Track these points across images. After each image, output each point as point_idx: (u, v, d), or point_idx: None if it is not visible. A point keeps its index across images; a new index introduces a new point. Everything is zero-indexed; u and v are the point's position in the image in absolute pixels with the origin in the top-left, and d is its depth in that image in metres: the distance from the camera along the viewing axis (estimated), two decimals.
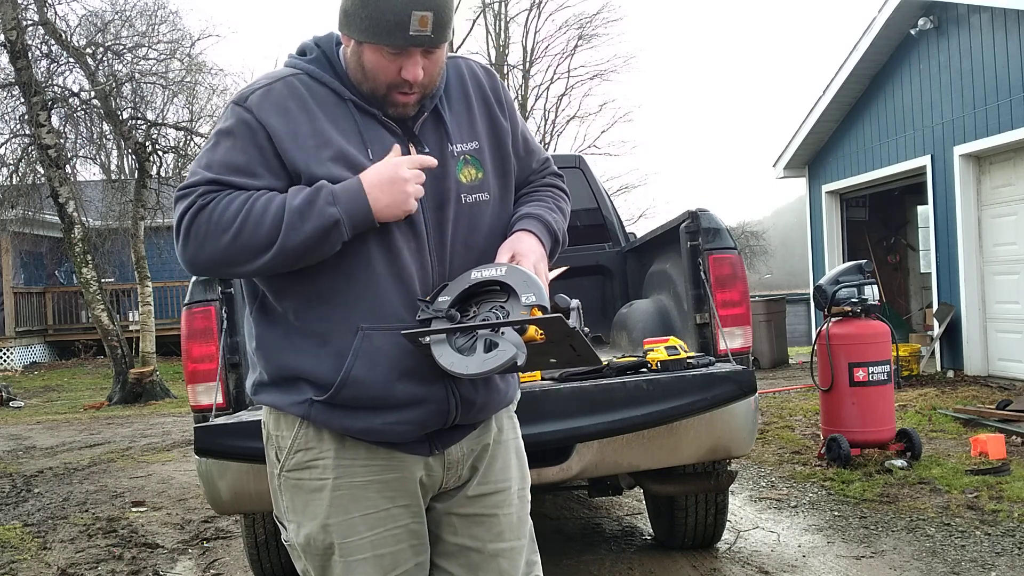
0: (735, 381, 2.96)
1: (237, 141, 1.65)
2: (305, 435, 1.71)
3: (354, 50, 1.68)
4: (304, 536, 1.73)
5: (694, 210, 3.46)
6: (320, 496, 1.71)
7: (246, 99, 1.67)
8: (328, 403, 1.66)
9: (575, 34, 28.78)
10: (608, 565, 3.91)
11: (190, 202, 1.60)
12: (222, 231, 1.57)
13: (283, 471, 1.75)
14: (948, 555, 3.82)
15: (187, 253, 1.61)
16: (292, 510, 1.76)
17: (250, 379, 1.80)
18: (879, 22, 10.44)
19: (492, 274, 1.64)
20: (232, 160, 1.63)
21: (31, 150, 13.51)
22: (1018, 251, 8.82)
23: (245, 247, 1.58)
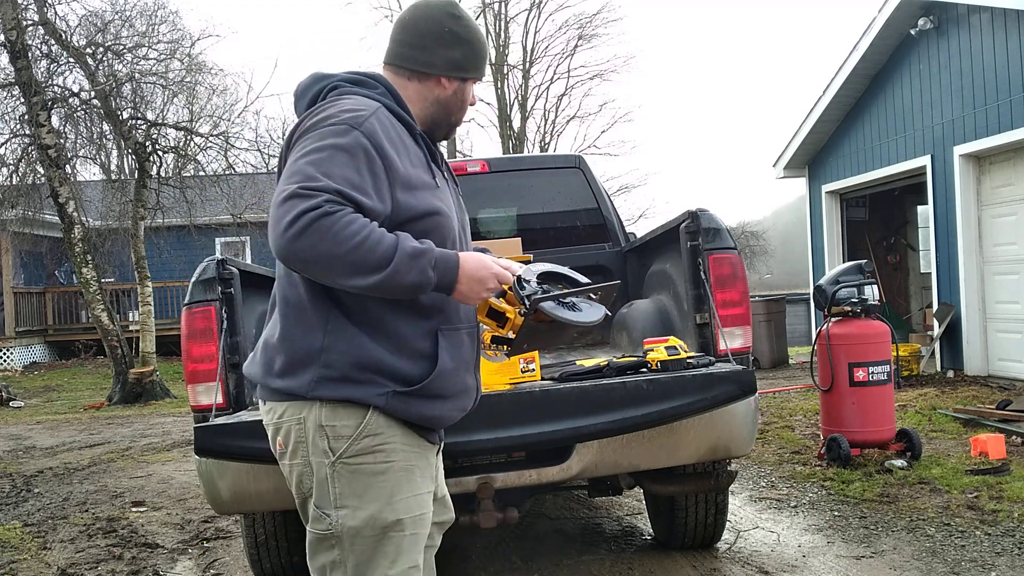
0: (735, 381, 2.96)
1: (354, 161, 1.78)
2: (375, 423, 1.87)
3: (459, 89, 2.06)
4: (363, 518, 1.86)
5: (694, 210, 3.45)
6: (384, 478, 1.87)
7: (362, 124, 1.83)
8: (412, 394, 1.87)
9: (575, 34, 28.77)
10: (608, 565, 3.91)
11: (316, 203, 1.69)
12: (339, 243, 1.69)
13: (341, 458, 1.86)
14: (948, 555, 3.82)
15: (294, 244, 1.70)
16: (350, 495, 1.86)
17: (299, 377, 1.87)
18: (879, 22, 10.44)
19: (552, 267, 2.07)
20: (350, 177, 1.76)
21: (31, 150, 13.50)
22: (1018, 251, 8.82)
23: (351, 265, 1.72)
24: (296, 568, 3.69)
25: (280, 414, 1.92)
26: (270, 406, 1.96)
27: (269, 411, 1.97)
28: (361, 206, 1.75)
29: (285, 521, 3.58)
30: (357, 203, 1.74)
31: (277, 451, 1.97)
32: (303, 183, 1.72)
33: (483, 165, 5.35)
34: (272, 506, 3.08)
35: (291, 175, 1.76)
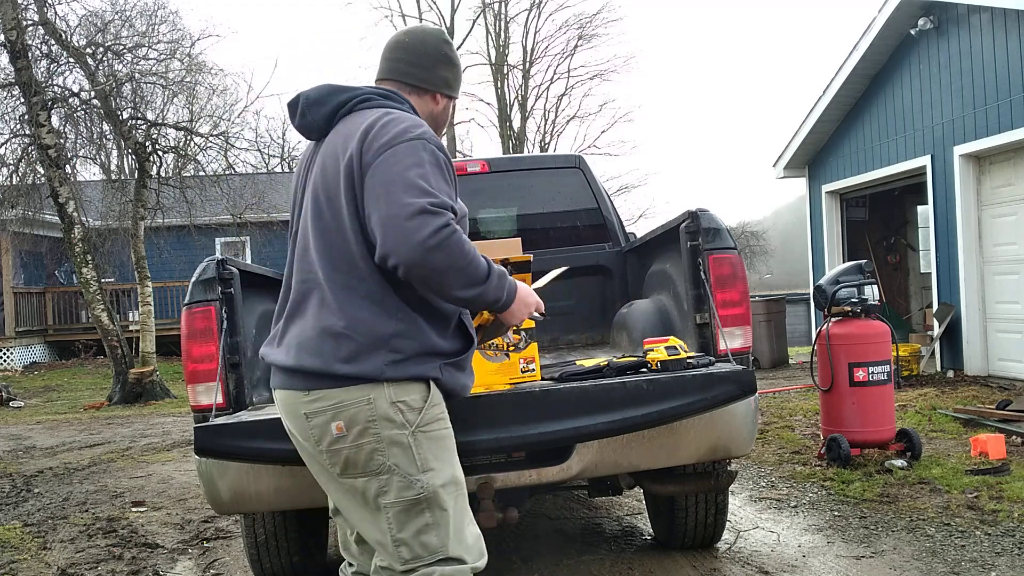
0: (735, 381, 2.96)
1: (443, 174, 2.06)
2: (435, 394, 2.14)
3: (446, 106, 2.35)
4: (447, 476, 2.11)
5: (694, 210, 3.45)
6: (449, 441, 2.17)
7: (433, 138, 2.12)
8: (454, 365, 2.16)
9: (575, 34, 28.81)
10: (608, 565, 3.91)
11: (446, 221, 1.96)
12: (461, 258, 1.98)
13: (417, 428, 2.08)
14: (948, 555, 3.82)
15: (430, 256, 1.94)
16: (432, 458, 2.09)
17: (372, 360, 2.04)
18: (879, 22, 10.44)
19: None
20: (448, 191, 2.05)
21: (31, 150, 13.50)
22: (1018, 251, 8.82)
23: (466, 279, 2.01)
24: (296, 568, 3.69)
25: (339, 399, 2.04)
26: (322, 394, 2.05)
27: (318, 399, 2.06)
28: (459, 215, 2.06)
29: (285, 521, 3.58)
30: (457, 217, 2.03)
31: (333, 434, 2.06)
32: (430, 200, 1.95)
33: (483, 165, 5.34)
34: (272, 506, 3.08)
35: (409, 187, 1.96)
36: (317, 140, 2.25)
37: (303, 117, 2.22)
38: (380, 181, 1.99)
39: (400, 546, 2.06)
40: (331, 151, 2.15)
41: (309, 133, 2.26)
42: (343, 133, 2.14)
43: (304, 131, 2.26)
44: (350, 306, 2.06)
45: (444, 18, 28.68)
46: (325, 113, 2.18)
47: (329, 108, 2.18)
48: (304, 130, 2.25)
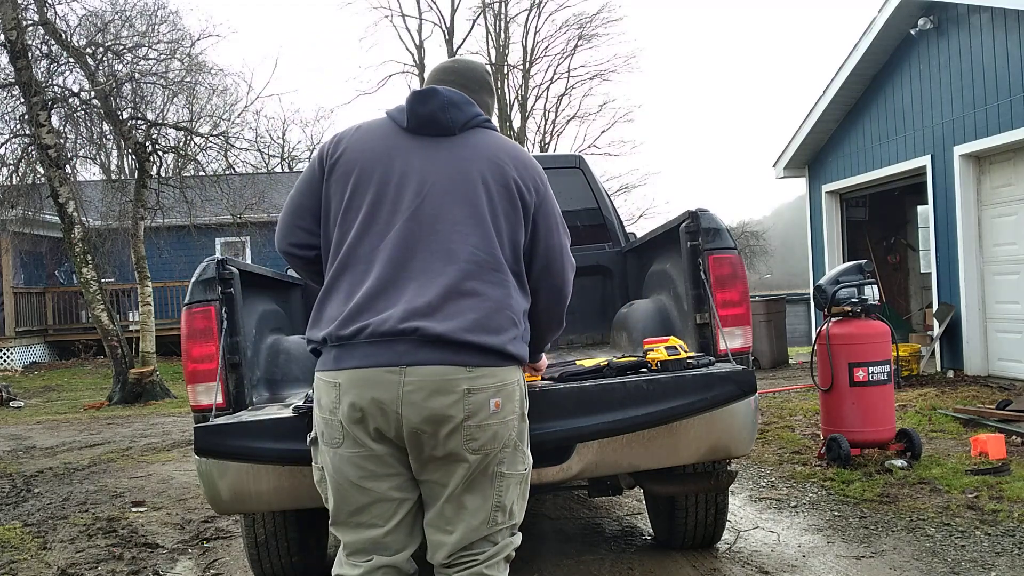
0: (735, 381, 2.96)
1: None
2: None
3: None
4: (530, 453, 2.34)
5: (694, 210, 3.45)
6: None
7: None
8: None
9: (575, 34, 28.82)
10: (608, 565, 3.91)
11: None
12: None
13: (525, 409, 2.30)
14: (948, 555, 3.82)
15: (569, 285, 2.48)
16: (527, 435, 2.32)
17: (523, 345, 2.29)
18: (879, 22, 10.45)
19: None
20: None
21: (31, 150, 13.50)
22: (1018, 251, 8.82)
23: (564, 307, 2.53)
24: (296, 568, 3.69)
25: (502, 378, 2.19)
26: (488, 371, 2.16)
27: (484, 375, 2.15)
28: None
29: (285, 521, 3.58)
30: None
31: (491, 410, 2.16)
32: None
33: None
34: (272, 506, 3.07)
35: (564, 225, 2.42)
36: (432, 135, 2.31)
37: (443, 113, 2.30)
38: (554, 212, 2.39)
39: (497, 511, 2.22)
40: (487, 159, 2.31)
41: (431, 128, 2.31)
42: (488, 145, 2.34)
43: (429, 123, 2.30)
44: (515, 296, 2.27)
45: (444, 18, 28.71)
46: (463, 119, 2.33)
47: (466, 117, 2.34)
48: (430, 122, 2.30)
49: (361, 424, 2.13)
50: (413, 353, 2.09)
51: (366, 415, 2.11)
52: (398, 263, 2.18)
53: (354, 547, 2.23)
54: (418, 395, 2.08)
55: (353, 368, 2.11)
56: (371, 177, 2.26)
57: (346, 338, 2.12)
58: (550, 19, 35.69)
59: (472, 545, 2.21)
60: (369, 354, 2.10)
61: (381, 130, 2.35)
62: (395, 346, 2.09)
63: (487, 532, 2.22)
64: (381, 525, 2.20)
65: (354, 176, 2.27)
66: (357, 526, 2.21)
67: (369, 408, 2.10)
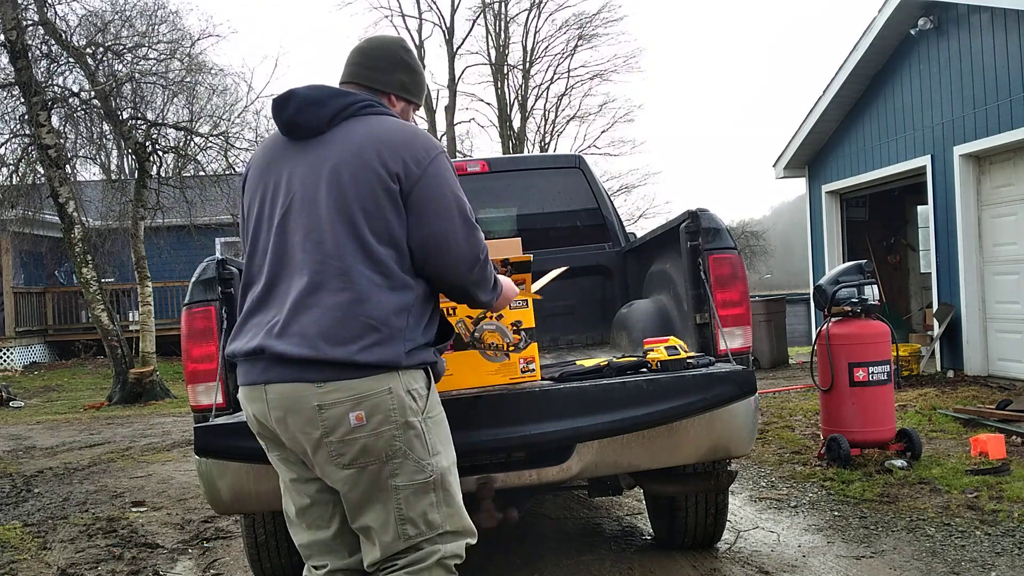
0: (735, 381, 2.96)
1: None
2: (431, 379, 2.26)
3: (404, 110, 2.43)
4: (449, 457, 2.25)
5: (694, 210, 3.45)
6: (445, 423, 2.29)
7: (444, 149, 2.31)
8: (438, 352, 2.29)
9: (575, 34, 28.81)
10: (608, 565, 3.91)
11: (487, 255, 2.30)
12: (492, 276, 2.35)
13: (426, 414, 2.19)
14: (948, 555, 3.82)
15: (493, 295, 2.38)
16: (438, 441, 2.22)
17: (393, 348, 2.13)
18: (879, 22, 10.44)
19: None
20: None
21: (31, 150, 13.50)
22: (1018, 251, 8.82)
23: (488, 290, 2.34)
24: (296, 568, 3.69)
25: (361, 389, 2.09)
26: (339, 384, 2.07)
27: (335, 390, 2.07)
28: None
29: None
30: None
31: (352, 424, 2.08)
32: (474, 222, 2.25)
33: (483, 165, 5.34)
34: (272, 506, 3.06)
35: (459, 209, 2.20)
36: (303, 138, 2.24)
37: (300, 114, 2.21)
38: (436, 195, 2.18)
39: (405, 524, 2.15)
40: (347, 151, 2.16)
41: (296, 131, 2.25)
42: (356, 135, 2.19)
43: (291, 128, 2.25)
44: (373, 296, 2.11)
45: (444, 18, 28.70)
46: (327, 115, 2.21)
47: (332, 110, 2.21)
48: (292, 127, 2.24)
49: (261, 434, 2.28)
50: (269, 371, 2.13)
51: (261, 426, 2.24)
52: (270, 280, 2.20)
53: (308, 551, 2.32)
54: (277, 412, 2.14)
55: (240, 384, 2.25)
56: (256, 193, 2.30)
57: (233, 354, 2.25)
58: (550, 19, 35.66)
59: (393, 556, 2.18)
60: (245, 372, 2.22)
61: (270, 142, 2.35)
62: (257, 364, 2.16)
63: (404, 546, 2.15)
64: (325, 527, 2.28)
65: (247, 195, 2.34)
66: (307, 527, 2.31)
67: (260, 420, 2.22)
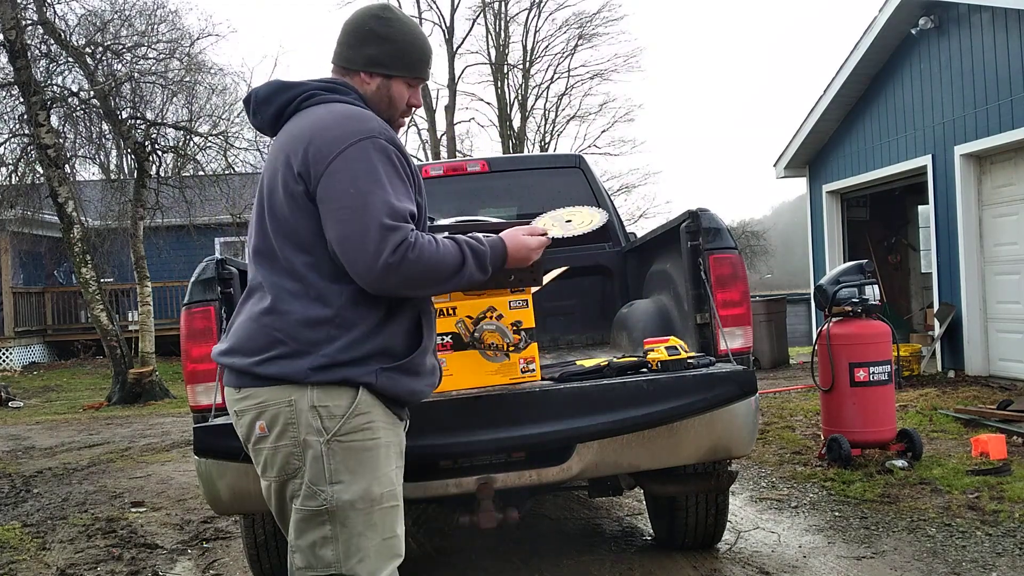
0: (735, 381, 2.95)
1: (399, 174, 1.98)
2: (364, 402, 1.99)
3: (382, 85, 2.14)
4: (356, 492, 1.97)
5: (694, 210, 3.44)
6: (372, 454, 2.00)
7: (385, 133, 2.00)
8: (396, 369, 2.02)
9: (575, 33, 28.80)
10: (608, 565, 3.90)
11: (404, 235, 1.91)
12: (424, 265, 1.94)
13: (335, 437, 1.97)
14: (949, 555, 3.81)
15: (393, 276, 1.91)
16: (343, 471, 1.97)
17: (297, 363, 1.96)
18: (880, 22, 10.43)
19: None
20: (407, 193, 1.99)
21: (30, 150, 13.49)
22: (1019, 251, 8.81)
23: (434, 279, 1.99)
24: None
25: (264, 399, 1.99)
26: (250, 392, 2.01)
27: (247, 396, 2.02)
28: (420, 219, 2.01)
29: None
30: (414, 216, 1.97)
31: (256, 434, 2.01)
32: (388, 214, 1.90)
33: (483, 165, 5.33)
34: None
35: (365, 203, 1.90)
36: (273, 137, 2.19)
37: (255, 116, 2.16)
38: (335, 195, 1.91)
39: (295, 552, 2.01)
40: (275, 153, 2.07)
41: (264, 131, 2.21)
42: (289, 134, 2.06)
43: (260, 130, 2.22)
44: (284, 307, 1.97)
45: (444, 18, 28.69)
46: (272, 113, 2.11)
47: (275, 108, 2.11)
48: (259, 129, 2.21)
49: None
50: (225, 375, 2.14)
51: None
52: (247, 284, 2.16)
53: None
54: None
55: None
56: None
57: None
58: (550, 18, 35.63)
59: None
60: None
61: None
62: None
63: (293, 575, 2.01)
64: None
65: None
66: None
67: None
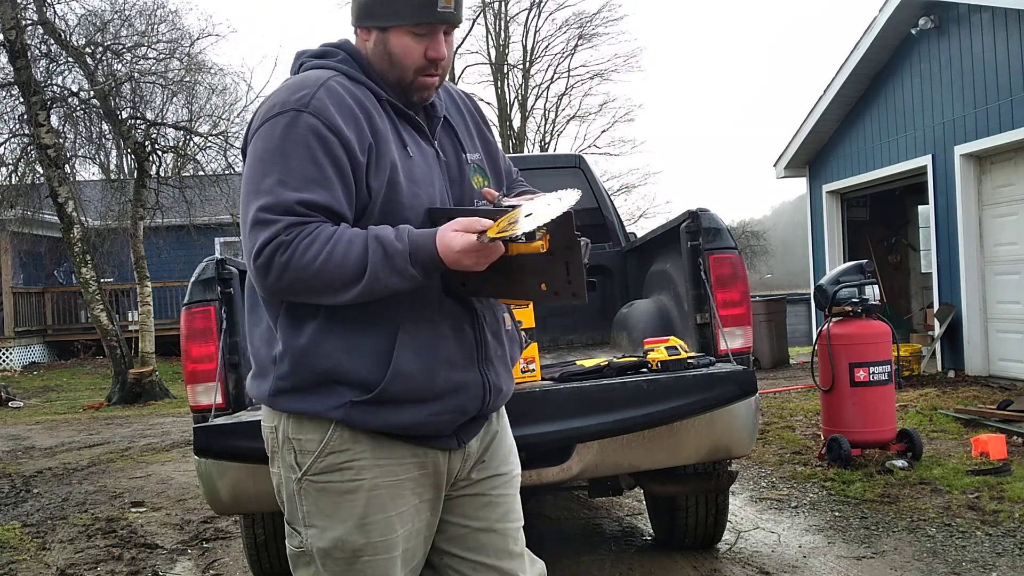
0: (735, 381, 2.96)
1: (310, 152, 1.62)
2: (339, 438, 1.71)
3: (378, 40, 1.75)
4: (331, 540, 1.72)
5: (694, 210, 3.45)
6: (353, 497, 1.72)
7: (309, 103, 1.65)
8: (371, 402, 1.67)
9: (575, 33, 28.77)
10: (608, 565, 3.90)
11: (274, 233, 1.58)
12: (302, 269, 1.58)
13: (306, 475, 1.72)
14: (949, 555, 3.81)
15: (264, 280, 1.62)
16: (317, 514, 1.73)
17: (262, 385, 1.76)
18: (880, 22, 10.43)
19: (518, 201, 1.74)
20: (309, 174, 1.62)
21: (30, 150, 13.50)
22: (1019, 251, 8.81)
23: (324, 287, 1.60)
24: None
25: (264, 419, 1.83)
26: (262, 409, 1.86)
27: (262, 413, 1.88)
28: (327, 206, 1.62)
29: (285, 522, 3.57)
30: (321, 206, 1.62)
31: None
32: (262, 205, 1.60)
33: None
34: (272, 507, 3.05)
35: (251, 190, 1.63)
36: None
37: None
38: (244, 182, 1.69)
39: None
40: None
41: None
42: None
43: None
44: (249, 323, 1.85)
45: None
46: None
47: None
48: None
49: None
50: None
51: None
52: None
53: None
54: None
55: None
56: None
57: None
58: (550, 18, 35.58)
59: None
60: None
61: None
62: None
63: None
64: None
65: None
66: None
67: None
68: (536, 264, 1.61)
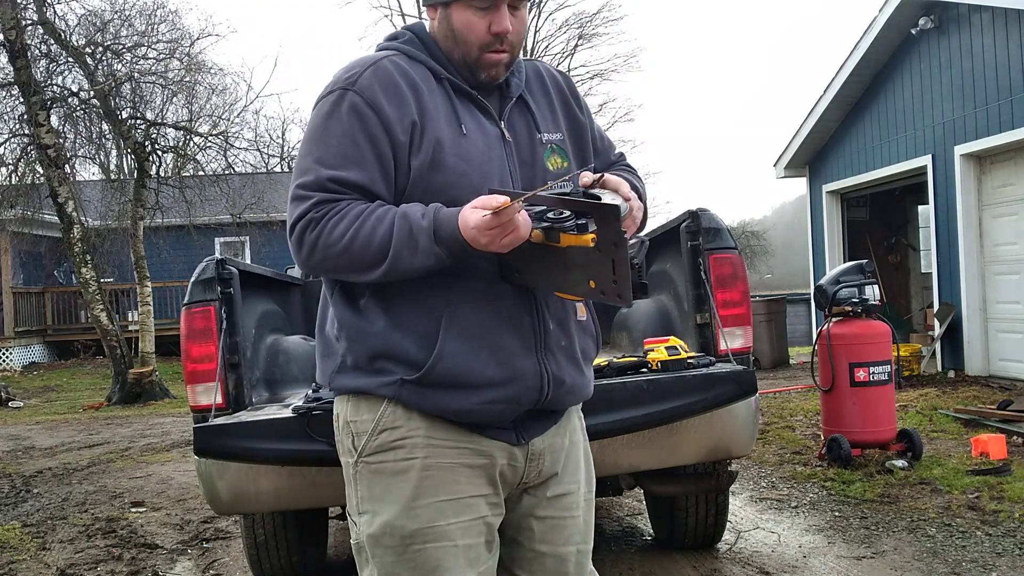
0: (735, 381, 2.96)
1: (349, 129, 1.64)
2: (392, 414, 1.68)
3: (442, 17, 1.72)
4: (380, 524, 1.67)
5: (694, 210, 3.45)
6: (405, 478, 1.67)
7: (355, 83, 1.67)
8: (420, 383, 1.65)
9: (575, 33, 28.74)
10: (608, 565, 3.90)
11: (305, 210, 1.62)
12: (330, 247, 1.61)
13: (361, 457, 1.70)
14: (949, 555, 3.81)
15: (298, 255, 1.66)
16: (369, 498, 1.69)
17: (327, 367, 1.77)
18: (880, 21, 10.44)
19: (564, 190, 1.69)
20: (346, 152, 1.64)
21: (30, 150, 13.50)
22: (1019, 251, 8.81)
23: (351, 265, 1.62)
24: (296, 568, 3.68)
25: (334, 410, 1.81)
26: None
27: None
28: (359, 184, 1.63)
29: (285, 521, 3.57)
30: (354, 184, 1.62)
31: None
32: (300, 182, 1.64)
33: None
34: (272, 507, 3.07)
35: (296, 168, 1.69)
36: None
37: None
38: None
39: None
40: None
41: None
42: None
43: None
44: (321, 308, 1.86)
45: None
46: None
47: None
48: None
49: None
50: None
51: None
52: None
53: None
54: None
55: None
56: None
57: None
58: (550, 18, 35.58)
59: None
60: None
61: None
62: None
63: None
64: None
65: None
66: None
67: None
68: (586, 259, 1.54)
